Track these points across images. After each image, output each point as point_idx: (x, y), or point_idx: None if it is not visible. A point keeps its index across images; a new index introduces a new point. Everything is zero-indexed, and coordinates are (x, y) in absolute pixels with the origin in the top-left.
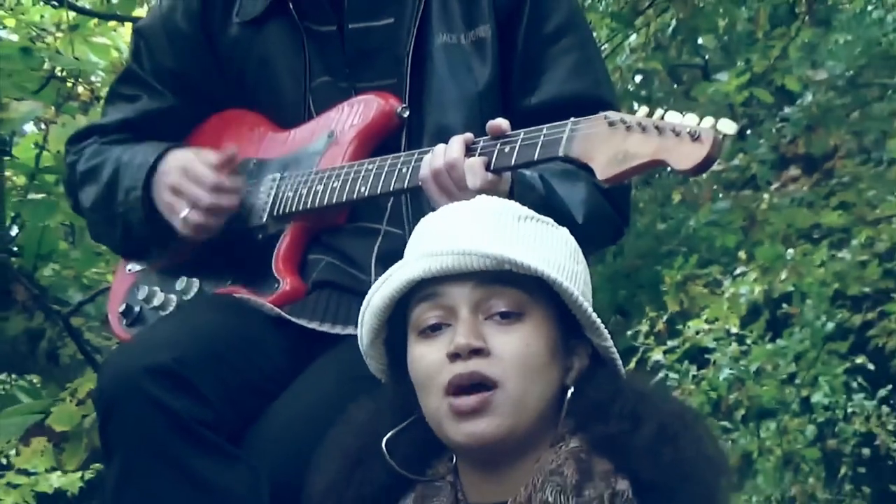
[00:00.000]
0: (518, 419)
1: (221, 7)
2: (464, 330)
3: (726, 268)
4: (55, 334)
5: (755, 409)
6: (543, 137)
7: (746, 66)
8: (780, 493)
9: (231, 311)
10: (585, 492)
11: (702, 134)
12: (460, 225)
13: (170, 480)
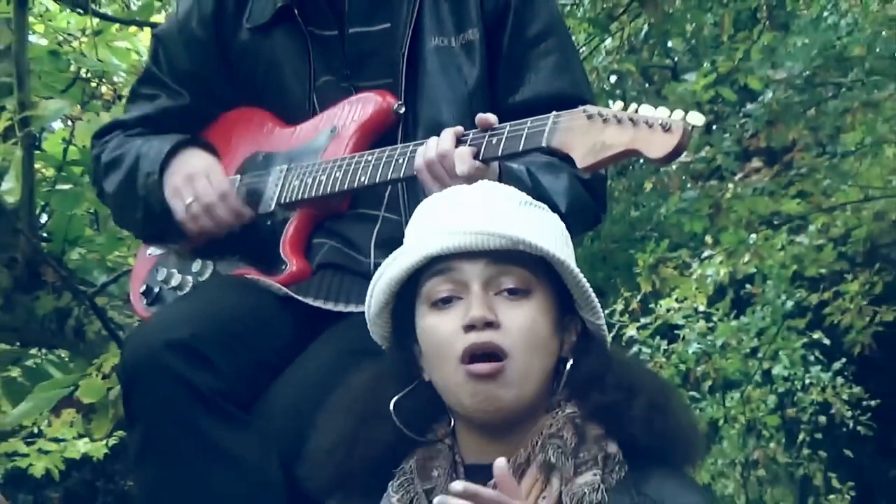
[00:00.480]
0: (523, 389)
1: (233, 14)
2: (478, 303)
3: (694, 251)
4: (81, 313)
5: (721, 380)
6: (527, 129)
7: (712, 67)
8: (744, 457)
9: (242, 290)
10: (581, 453)
11: (672, 125)
12: (474, 206)
13: (187, 446)
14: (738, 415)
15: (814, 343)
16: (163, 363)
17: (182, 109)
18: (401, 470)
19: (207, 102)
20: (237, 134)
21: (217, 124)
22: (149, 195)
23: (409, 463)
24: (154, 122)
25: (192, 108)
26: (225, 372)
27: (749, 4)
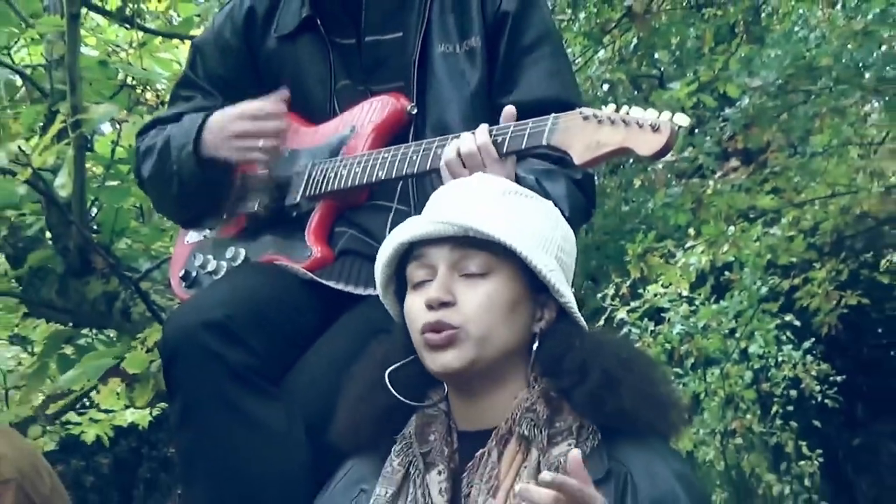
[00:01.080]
0: (481, 353)
1: (262, 24)
2: (437, 285)
3: (678, 242)
4: (127, 296)
5: (702, 358)
6: (529, 129)
7: (695, 76)
8: (723, 427)
9: (271, 275)
10: (557, 423)
11: (661, 125)
12: (447, 199)
13: (222, 416)
14: (718, 389)
15: (786, 324)
16: (200, 342)
17: (214, 109)
18: (401, 435)
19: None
20: None
21: None
22: (182, 168)
23: (409, 429)
24: None
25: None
26: (255, 349)
27: (728, 20)
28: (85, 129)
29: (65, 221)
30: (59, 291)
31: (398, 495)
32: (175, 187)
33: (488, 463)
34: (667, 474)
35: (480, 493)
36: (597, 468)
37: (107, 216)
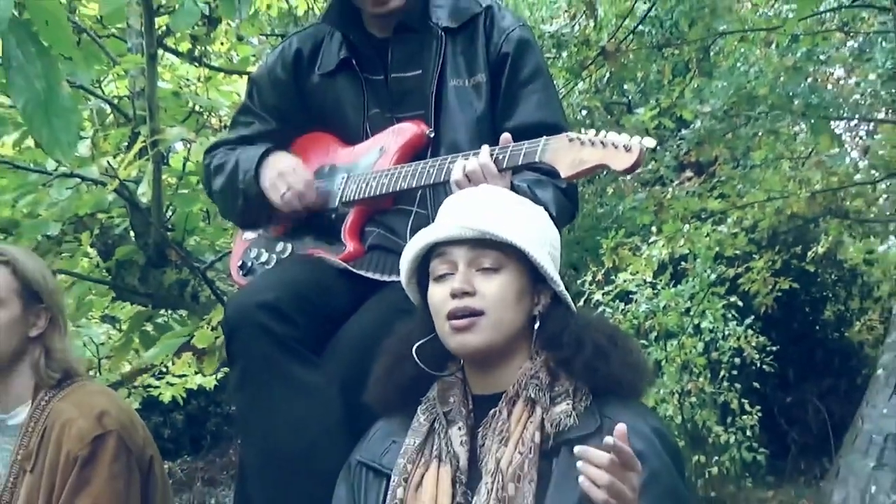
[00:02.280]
0: (495, 336)
1: (307, 63)
2: (460, 278)
3: (643, 238)
4: (196, 283)
5: (663, 331)
6: (525, 149)
7: (656, 103)
8: (680, 388)
9: (312, 265)
10: (556, 388)
11: (632, 146)
12: (464, 206)
13: (272, 379)
14: (675, 357)
15: (731, 305)
16: (254, 319)
17: (269, 132)
18: (426, 398)
19: (288, 128)
20: (310, 151)
21: (295, 144)
22: (247, 188)
23: (432, 393)
24: (248, 141)
25: (277, 131)
26: (299, 324)
27: (683, 58)
28: (161, 148)
29: (145, 222)
30: (141, 279)
31: (424, 445)
32: (240, 201)
33: (500, 419)
34: (646, 430)
35: (494, 443)
36: (590, 422)
37: (179, 218)
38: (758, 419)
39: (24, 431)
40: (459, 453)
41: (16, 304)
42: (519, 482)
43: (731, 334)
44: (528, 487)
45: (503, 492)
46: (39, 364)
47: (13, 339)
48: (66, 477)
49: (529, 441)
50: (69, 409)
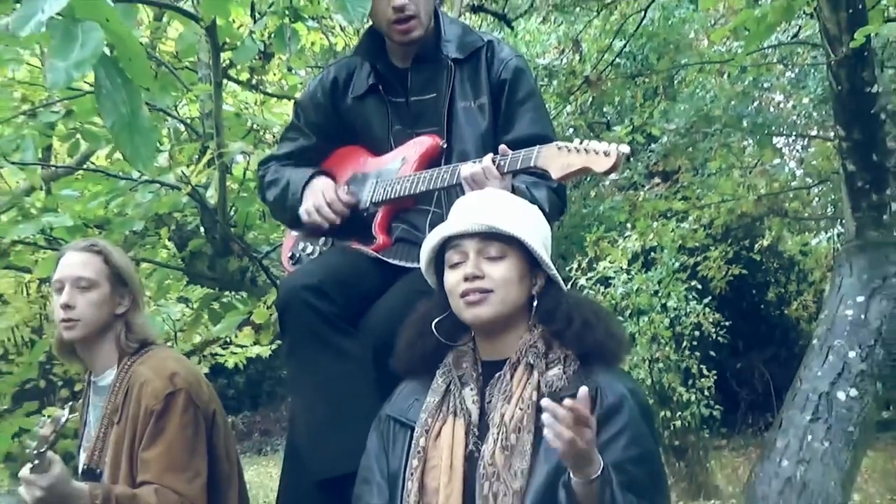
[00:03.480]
0: (502, 309)
1: (342, 89)
2: (471, 265)
3: (620, 233)
4: (254, 269)
5: (636, 309)
6: (522, 156)
7: (630, 122)
8: (650, 356)
9: (350, 254)
10: (550, 355)
11: (611, 151)
12: (473, 206)
13: (316, 347)
14: (646, 331)
15: (692, 288)
16: (302, 298)
17: (312, 147)
18: (443, 364)
19: (327, 142)
20: (345, 161)
21: (333, 156)
22: (294, 206)
23: (448, 360)
24: (295, 155)
25: (318, 146)
26: (338, 302)
27: (652, 85)
28: (225, 159)
29: (213, 220)
30: (209, 266)
31: (441, 403)
32: (289, 212)
33: (504, 381)
34: (622, 388)
35: (499, 401)
36: (578, 384)
37: (240, 216)
38: (713, 381)
39: (111, 390)
40: (471, 409)
41: (106, 286)
42: (519, 433)
43: (691, 312)
44: (527, 437)
45: (507, 441)
46: (121, 336)
47: (103, 315)
48: (145, 427)
49: (528, 399)
50: (146, 371)
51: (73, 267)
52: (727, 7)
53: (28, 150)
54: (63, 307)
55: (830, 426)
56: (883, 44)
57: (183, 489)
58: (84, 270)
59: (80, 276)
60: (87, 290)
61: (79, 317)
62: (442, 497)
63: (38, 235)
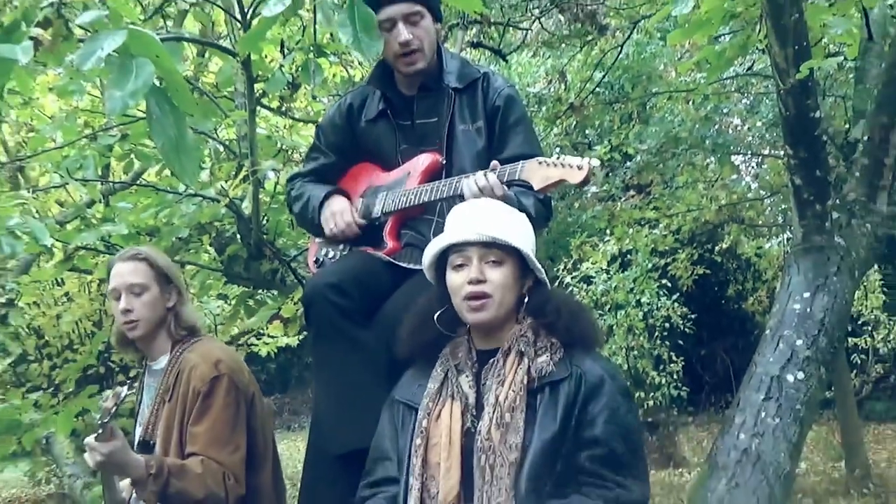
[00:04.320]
0: (498, 312)
1: (357, 113)
2: (475, 270)
3: (600, 238)
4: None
5: (614, 304)
6: (509, 170)
7: (609, 143)
8: (626, 344)
9: (365, 258)
10: (538, 343)
11: (583, 165)
12: (476, 216)
13: (337, 337)
14: (623, 323)
15: (662, 285)
16: (324, 295)
17: (331, 164)
18: (441, 354)
19: (345, 160)
20: (360, 176)
21: (349, 172)
22: (314, 218)
23: (446, 350)
24: (317, 172)
25: (337, 163)
26: (356, 299)
27: (627, 110)
28: (258, 176)
29: (248, 228)
30: (245, 268)
31: (441, 388)
32: (310, 222)
33: (497, 367)
34: (601, 371)
35: (493, 384)
36: (563, 369)
37: (271, 224)
38: (681, 366)
39: (164, 373)
40: (468, 393)
41: (155, 287)
42: (513, 412)
43: (662, 306)
44: (519, 416)
45: (502, 419)
46: (172, 326)
47: (157, 311)
48: (192, 406)
49: (519, 383)
50: (195, 357)
51: (125, 276)
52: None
53: (89, 169)
54: (123, 312)
55: (781, 404)
56: (824, 76)
57: (225, 460)
58: (135, 277)
59: (133, 282)
60: (140, 294)
61: (138, 318)
62: (443, 470)
63: (98, 242)
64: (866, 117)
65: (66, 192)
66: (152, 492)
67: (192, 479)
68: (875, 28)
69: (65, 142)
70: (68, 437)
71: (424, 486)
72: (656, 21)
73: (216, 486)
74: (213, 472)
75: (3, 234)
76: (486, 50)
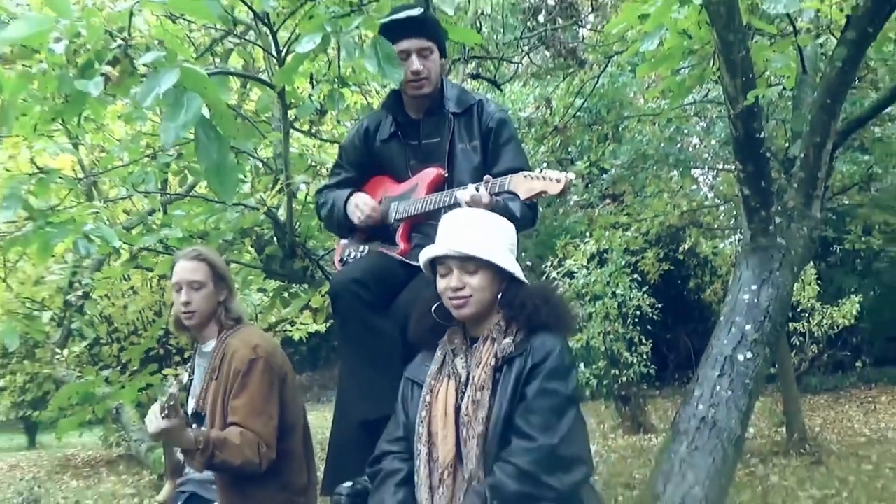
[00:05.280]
0: (477, 308)
1: (372, 134)
2: (454, 279)
3: (581, 239)
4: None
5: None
6: (499, 182)
7: (588, 159)
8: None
9: (382, 258)
10: (508, 329)
11: (561, 178)
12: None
13: (359, 325)
14: (601, 311)
15: (634, 279)
16: (348, 288)
17: (352, 178)
18: (441, 340)
19: (362, 174)
20: (377, 187)
21: (367, 184)
22: (339, 217)
23: (445, 337)
24: (340, 185)
25: (356, 177)
26: (375, 292)
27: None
28: (292, 188)
29: (283, 232)
30: (281, 266)
31: (440, 369)
32: (336, 224)
33: (478, 351)
34: (548, 347)
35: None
36: (520, 349)
37: (303, 229)
38: (650, 348)
39: (212, 356)
40: (461, 373)
41: (211, 285)
42: (482, 390)
43: (634, 297)
44: (486, 393)
45: (475, 396)
46: (221, 316)
47: (211, 305)
48: (234, 383)
49: (487, 363)
50: (237, 342)
51: (187, 272)
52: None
53: (150, 183)
54: (183, 304)
55: (733, 380)
56: (768, 102)
57: (260, 429)
58: (195, 275)
59: (193, 279)
60: (198, 290)
61: (195, 309)
62: (440, 438)
63: (158, 244)
64: (802, 138)
65: (132, 203)
66: (199, 462)
67: (232, 449)
68: (808, 63)
69: (130, 160)
70: (134, 407)
71: (430, 450)
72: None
73: (252, 454)
74: (249, 442)
75: (80, 238)
76: (484, 80)
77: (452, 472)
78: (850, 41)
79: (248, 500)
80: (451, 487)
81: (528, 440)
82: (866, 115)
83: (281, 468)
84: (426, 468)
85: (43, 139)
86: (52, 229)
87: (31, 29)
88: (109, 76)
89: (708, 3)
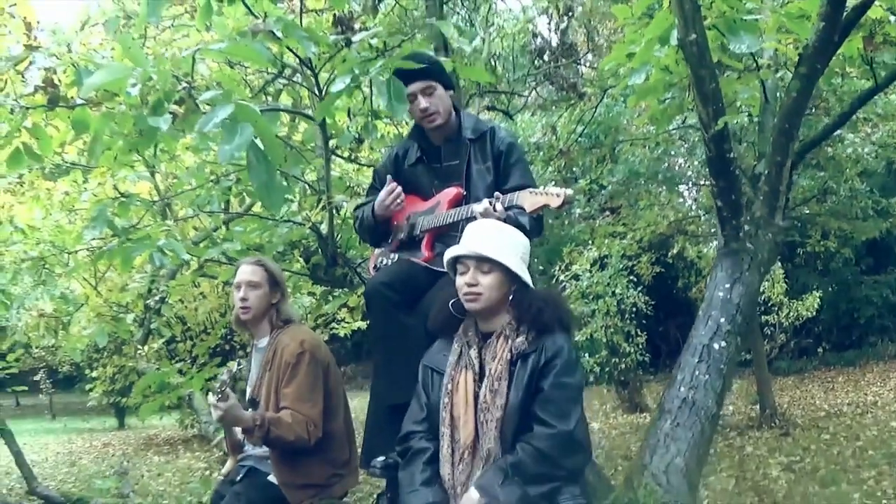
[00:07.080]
0: (487, 304)
1: (401, 159)
2: (470, 276)
3: (584, 246)
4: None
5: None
6: (509, 197)
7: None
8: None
9: (410, 264)
10: (519, 328)
11: (561, 194)
12: (474, 236)
13: (390, 322)
14: (602, 308)
15: (630, 280)
16: (380, 291)
17: None
18: (458, 333)
19: None
20: (406, 206)
21: None
22: (369, 223)
23: (461, 329)
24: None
25: None
26: (403, 294)
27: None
28: (333, 206)
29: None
30: (325, 273)
31: (458, 359)
32: (367, 230)
33: (493, 345)
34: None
35: (489, 358)
36: (532, 346)
37: (343, 241)
38: (644, 339)
39: (266, 350)
40: (476, 364)
41: (266, 287)
42: (500, 381)
43: (630, 296)
44: (504, 383)
45: (493, 386)
46: (273, 317)
47: (264, 304)
48: (284, 373)
49: (504, 358)
50: (286, 339)
51: (247, 274)
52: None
53: (214, 204)
54: (241, 300)
55: (709, 365)
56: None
57: (307, 412)
58: (253, 276)
59: (251, 280)
60: (255, 289)
61: (250, 306)
62: (462, 422)
63: (221, 256)
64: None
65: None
66: (258, 437)
67: (285, 427)
68: (769, 94)
69: (197, 185)
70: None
71: (452, 432)
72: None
73: (302, 432)
74: (299, 422)
75: (155, 252)
76: (498, 111)
77: (472, 450)
78: (803, 75)
79: (299, 472)
80: (471, 464)
81: (548, 426)
82: (819, 137)
83: (326, 446)
84: (449, 447)
85: (125, 168)
86: (132, 245)
87: (112, 76)
88: (176, 113)
89: (683, 43)
